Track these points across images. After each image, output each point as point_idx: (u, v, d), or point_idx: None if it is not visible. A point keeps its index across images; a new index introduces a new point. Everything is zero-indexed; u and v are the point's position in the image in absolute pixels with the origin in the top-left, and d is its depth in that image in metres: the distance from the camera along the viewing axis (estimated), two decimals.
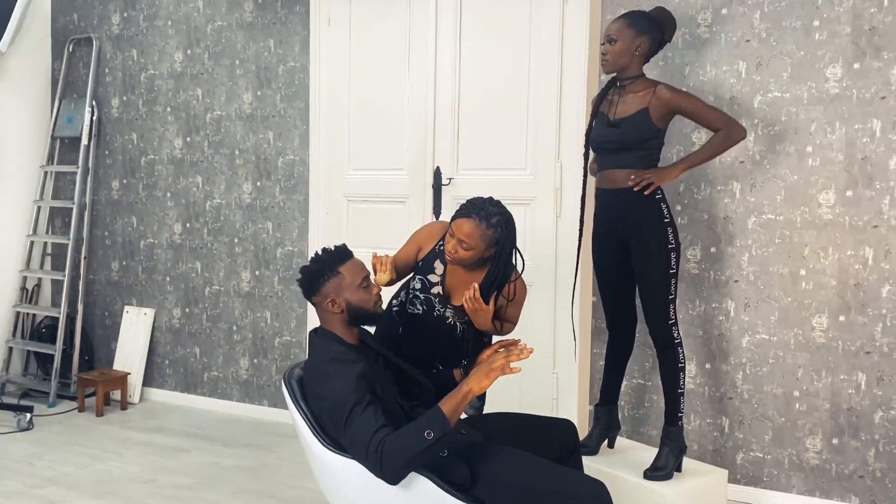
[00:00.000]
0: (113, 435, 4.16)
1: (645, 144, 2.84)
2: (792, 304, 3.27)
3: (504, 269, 2.53)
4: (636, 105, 2.81)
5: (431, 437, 1.98)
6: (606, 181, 2.91)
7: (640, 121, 2.79)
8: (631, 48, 2.82)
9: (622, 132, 2.80)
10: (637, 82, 2.86)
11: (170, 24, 4.66)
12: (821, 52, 3.19)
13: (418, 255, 2.65)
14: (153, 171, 4.77)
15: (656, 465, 2.89)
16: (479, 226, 2.46)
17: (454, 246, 2.49)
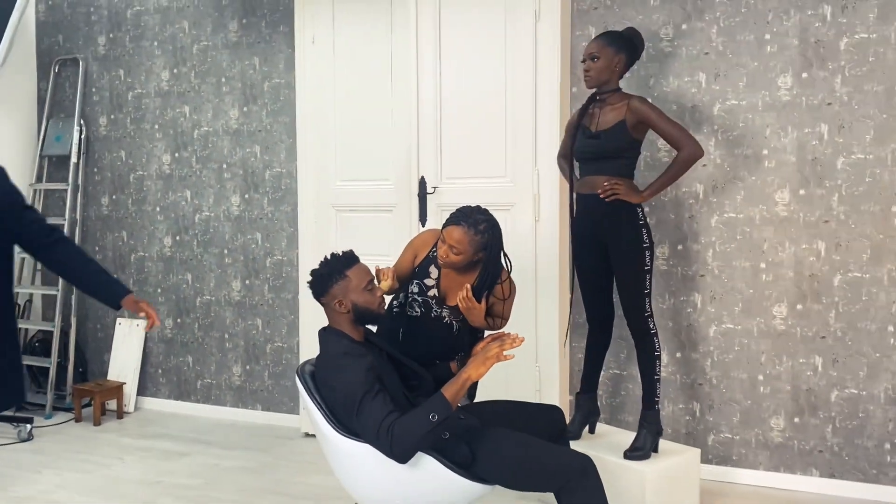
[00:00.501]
0: (112, 442, 4.30)
1: (623, 154, 3.10)
2: (754, 295, 3.55)
3: (493, 271, 2.77)
4: (614, 117, 3.07)
5: (436, 419, 2.20)
6: (587, 187, 3.15)
7: (618, 132, 3.05)
8: (611, 65, 3.08)
9: (602, 143, 3.06)
10: (615, 95, 3.12)
11: (156, 44, 4.82)
12: (772, 63, 3.48)
13: (415, 261, 2.87)
14: (142, 187, 4.92)
15: (635, 446, 3.14)
16: (467, 232, 2.69)
17: (445, 251, 2.71)
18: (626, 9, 3.69)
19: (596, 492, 2.30)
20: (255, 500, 3.47)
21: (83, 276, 2.72)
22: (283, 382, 4.58)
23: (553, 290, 3.74)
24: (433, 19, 3.91)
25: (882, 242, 3.34)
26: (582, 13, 3.77)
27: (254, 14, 4.53)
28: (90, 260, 2.77)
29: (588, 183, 3.15)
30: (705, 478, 3.55)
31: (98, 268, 2.75)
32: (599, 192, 3.05)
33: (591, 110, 3.15)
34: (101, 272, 2.75)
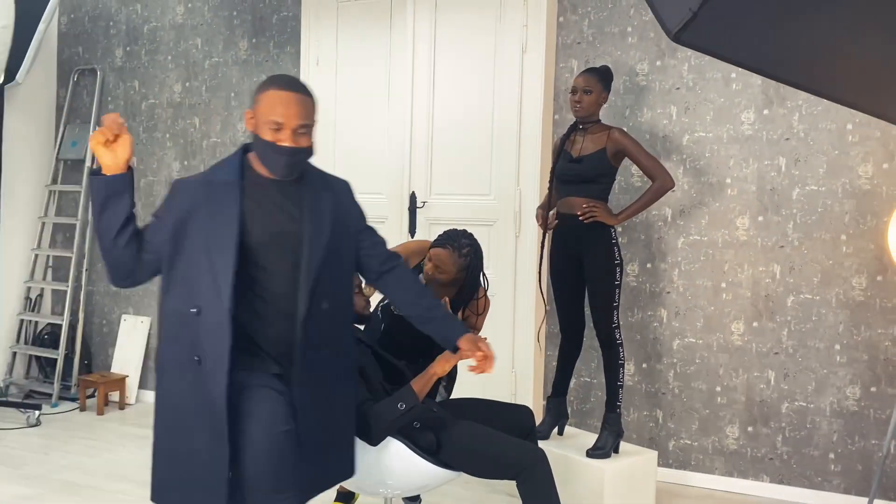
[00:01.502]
0: (115, 430, 4.59)
1: (601, 179, 3.42)
2: (714, 312, 3.85)
3: (471, 288, 3.07)
4: (595, 145, 3.39)
5: (403, 408, 2.50)
6: (566, 207, 3.46)
7: (598, 159, 3.37)
8: (599, 99, 3.42)
9: (583, 167, 3.38)
10: (596, 125, 3.44)
11: (170, 58, 5.14)
12: (737, 99, 3.80)
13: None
14: (151, 192, 5.23)
15: (597, 446, 3.42)
16: (451, 255, 2.99)
17: (431, 269, 3.01)
18: (606, 45, 4.01)
19: (546, 481, 2.58)
20: None
21: (418, 308, 2.42)
22: None
23: (530, 301, 4.04)
24: (428, 48, 4.23)
25: (831, 268, 3.64)
26: (565, 47, 4.09)
27: (263, 34, 4.85)
28: (426, 292, 2.50)
29: (567, 203, 3.45)
30: (665, 480, 3.84)
31: (434, 302, 2.46)
32: (579, 214, 3.36)
33: (573, 137, 3.47)
34: (437, 306, 2.46)
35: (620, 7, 3.99)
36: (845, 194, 3.63)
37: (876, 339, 3.57)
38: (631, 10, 3.97)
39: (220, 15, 4.97)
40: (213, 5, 5.00)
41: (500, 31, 4.06)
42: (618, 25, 3.99)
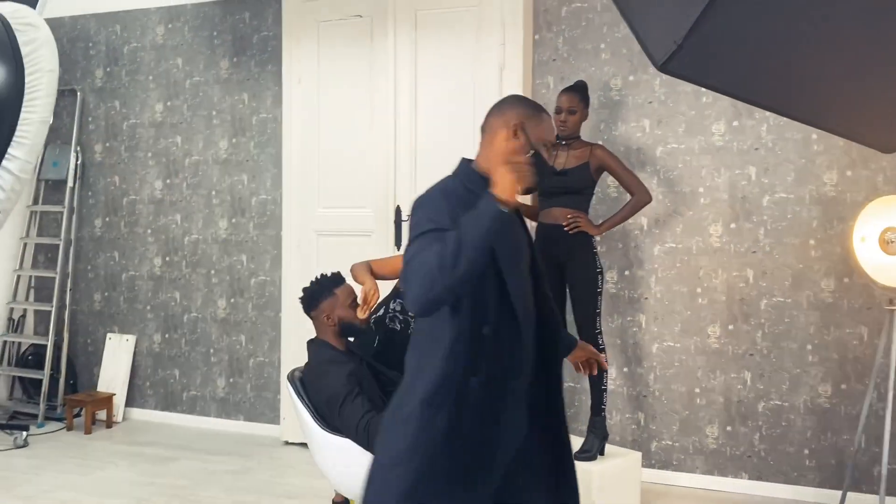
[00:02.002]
0: (104, 449, 4.61)
1: (585, 190, 3.59)
2: (691, 316, 4.00)
3: None
4: (578, 160, 3.55)
5: None
6: (550, 218, 3.59)
7: (582, 172, 3.54)
8: (582, 117, 3.60)
9: (570, 179, 3.53)
10: (577, 141, 3.60)
11: (151, 78, 5.20)
12: (707, 112, 3.96)
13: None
14: (134, 210, 5.26)
15: (583, 449, 3.54)
16: None
17: None
18: (580, 62, 4.16)
19: None
20: (241, 497, 3.81)
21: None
22: (264, 394, 4.92)
23: None
24: (410, 65, 4.34)
25: (801, 271, 3.81)
26: (542, 64, 4.23)
27: (244, 53, 4.93)
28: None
29: (551, 214, 3.58)
30: (648, 480, 3.97)
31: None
32: (564, 224, 3.49)
33: (554, 151, 3.60)
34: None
35: (594, 25, 4.14)
36: (812, 201, 3.80)
37: (845, 338, 3.74)
38: (604, 28, 4.12)
39: (201, 35, 5.04)
40: (193, 25, 5.07)
41: (478, 49, 4.19)
42: (591, 42, 4.15)
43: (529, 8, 4.20)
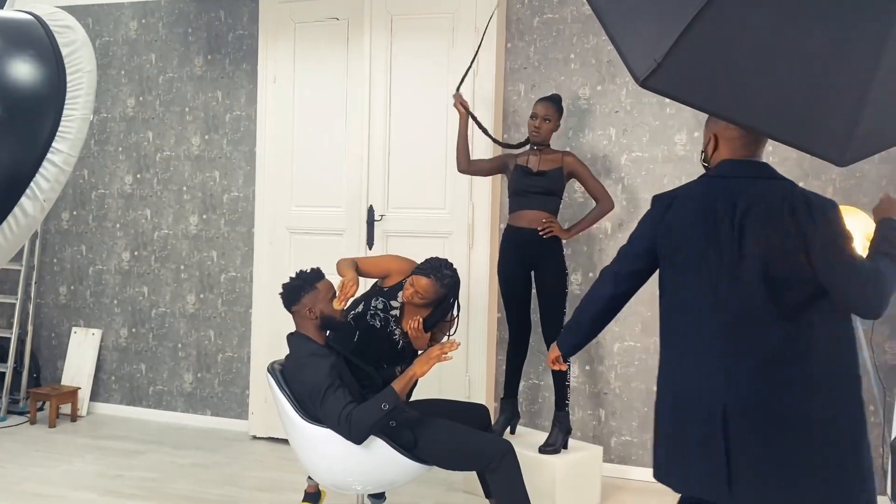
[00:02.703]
0: (69, 442, 4.60)
1: (557, 193, 3.76)
2: (651, 317, 4.18)
3: (444, 312, 3.28)
4: (551, 164, 3.72)
5: (386, 408, 2.70)
6: (523, 221, 3.72)
7: (557, 175, 3.70)
8: (555, 126, 3.76)
9: (546, 181, 3.69)
10: (548, 148, 3.77)
11: (123, 73, 5.20)
12: (671, 122, 4.15)
13: (385, 279, 3.35)
14: (103, 204, 5.26)
15: (548, 442, 3.69)
16: (433, 284, 3.18)
17: (411, 294, 3.19)
18: (550, 70, 4.32)
19: (514, 470, 2.83)
20: (210, 489, 3.86)
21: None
22: (232, 389, 4.97)
23: (483, 310, 4.28)
24: (385, 69, 4.45)
25: None
26: (513, 71, 4.38)
27: (218, 52, 4.97)
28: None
29: (524, 217, 3.72)
30: (608, 475, 4.12)
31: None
32: (539, 229, 3.65)
33: (526, 155, 3.75)
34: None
35: (564, 35, 4.30)
36: None
37: None
38: (574, 38, 4.29)
39: (175, 31, 5.07)
40: (167, 22, 5.09)
41: (452, 56, 4.32)
42: (561, 52, 4.30)
43: (503, 17, 4.34)
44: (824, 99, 1.57)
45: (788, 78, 1.54)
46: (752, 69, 1.53)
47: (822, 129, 1.56)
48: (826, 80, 1.56)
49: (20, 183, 1.98)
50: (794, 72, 1.54)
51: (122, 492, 3.80)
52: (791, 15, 1.50)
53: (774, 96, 1.56)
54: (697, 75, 1.54)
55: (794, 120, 1.57)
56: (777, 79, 1.53)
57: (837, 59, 1.52)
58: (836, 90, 1.56)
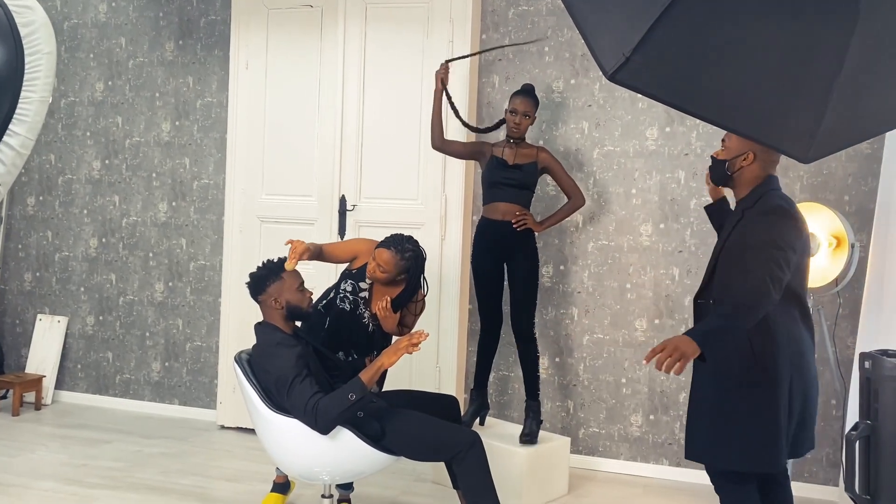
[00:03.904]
0: (33, 431, 4.53)
1: (531, 187, 3.78)
2: (620, 310, 4.21)
3: (412, 290, 3.28)
4: (526, 159, 3.73)
5: (353, 398, 2.69)
6: (497, 213, 3.73)
7: (531, 170, 3.73)
8: (532, 121, 3.77)
9: (523, 174, 3.71)
10: (524, 142, 3.79)
11: (92, 56, 5.11)
12: (642, 117, 4.18)
13: (352, 262, 3.34)
14: (70, 190, 5.17)
15: (525, 433, 3.71)
16: (394, 256, 3.19)
17: (374, 268, 3.21)
18: (524, 63, 4.32)
19: (481, 461, 2.84)
20: (177, 479, 3.83)
21: None
22: (200, 379, 4.92)
23: (454, 301, 4.29)
24: (358, 58, 4.42)
25: None
26: (488, 63, 4.37)
27: (190, 37, 4.91)
28: None
29: (498, 210, 3.73)
30: (575, 466, 4.16)
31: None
32: (513, 222, 3.66)
33: (502, 148, 3.75)
34: None
35: (539, 28, 4.30)
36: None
37: None
38: (548, 31, 4.29)
39: (146, 15, 4.99)
40: (137, 5, 5.01)
41: (427, 46, 4.30)
42: (536, 45, 4.30)
43: (478, 8, 4.33)
44: (789, 97, 1.58)
45: (754, 75, 1.55)
46: (720, 66, 1.54)
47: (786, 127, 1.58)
48: (791, 79, 1.58)
49: None
50: (761, 69, 1.55)
51: (87, 481, 3.75)
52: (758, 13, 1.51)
53: (741, 93, 1.58)
54: (665, 70, 1.55)
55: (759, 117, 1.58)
56: (743, 76, 1.54)
57: (803, 58, 1.54)
58: (801, 88, 1.58)
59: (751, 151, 2.44)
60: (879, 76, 1.53)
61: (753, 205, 2.46)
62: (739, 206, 2.53)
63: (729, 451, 2.44)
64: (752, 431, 2.40)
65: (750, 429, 2.40)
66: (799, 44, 1.54)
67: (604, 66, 1.57)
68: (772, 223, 2.38)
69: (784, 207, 2.42)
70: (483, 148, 3.84)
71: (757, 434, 2.40)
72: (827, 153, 1.64)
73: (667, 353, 2.19)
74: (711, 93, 1.53)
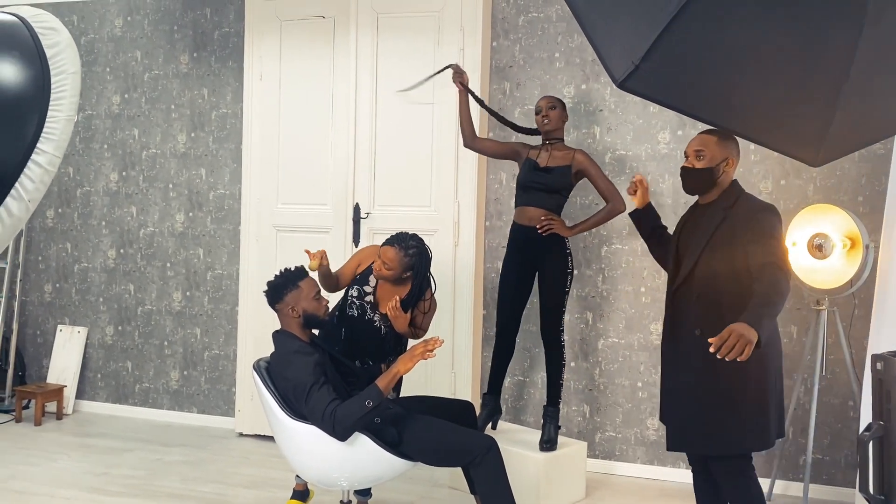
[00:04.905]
0: (55, 440, 4.60)
1: (563, 191, 3.73)
2: (635, 314, 4.22)
3: (420, 288, 3.32)
4: (561, 161, 3.69)
5: (371, 405, 2.72)
6: (525, 219, 3.70)
7: (565, 172, 3.68)
8: (563, 115, 3.75)
9: (552, 177, 3.67)
10: (560, 144, 3.75)
11: (108, 70, 5.19)
12: (654, 121, 4.19)
13: (357, 269, 3.39)
14: (88, 202, 5.24)
15: (545, 439, 3.71)
16: (398, 253, 3.24)
17: (379, 266, 3.26)
18: (535, 69, 4.34)
19: (498, 466, 2.86)
20: (197, 487, 3.87)
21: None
22: (218, 387, 4.97)
23: (468, 306, 4.31)
24: (371, 66, 4.46)
25: None
26: (498, 70, 4.40)
27: (204, 49, 4.97)
28: None
29: (527, 215, 3.71)
30: (592, 470, 4.17)
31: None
32: (538, 227, 3.64)
33: (538, 150, 3.75)
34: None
35: (549, 34, 4.33)
36: None
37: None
38: (559, 38, 4.31)
39: (161, 29, 5.06)
40: (153, 19, 5.08)
41: (438, 54, 4.33)
42: (546, 51, 4.33)
43: (488, 16, 4.37)
44: (798, 102, 1.60)
45: (763, 81, 1.57)
46: (728, 72, 1.56)
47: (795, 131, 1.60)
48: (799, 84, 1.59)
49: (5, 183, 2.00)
50: (769, 75, 1.57)
51: (108, 489, 3.80)
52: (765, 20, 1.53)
53: (749, 99, 1.59)
54: (674, 78, 1.57)
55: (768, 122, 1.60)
56: (752, 82, 1.56)
57: (810, 64, 1.55)
58: (809, 94, 1.59)
59: (731, 157, 2.52)
60: (887, 80, 1.54)
61: (733, 204, 2.58)
62: (716, 207, 2.62)
63: (731, 436, 2.58)
64: (748, 413, 2.56)
65: (745, 411, 2.56)
66: (806, 50, 1.55)
67: (613, 74, 1.59)
68: (772, 221, 2.51)
69: (773, 206, 2.57)
70: (520, 149, 3.81)
71: (753, 415, 2.56)
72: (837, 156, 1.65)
73: (733, 340, 2.24)
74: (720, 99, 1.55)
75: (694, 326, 2.63)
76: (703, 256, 2.60)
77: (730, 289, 2.55)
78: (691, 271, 2.64)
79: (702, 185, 2.63)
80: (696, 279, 2.63)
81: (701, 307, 2.62)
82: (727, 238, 2.55)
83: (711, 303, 2.59)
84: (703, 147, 2.55)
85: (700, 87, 1.55)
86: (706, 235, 2.60)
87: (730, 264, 2.53)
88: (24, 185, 2.06)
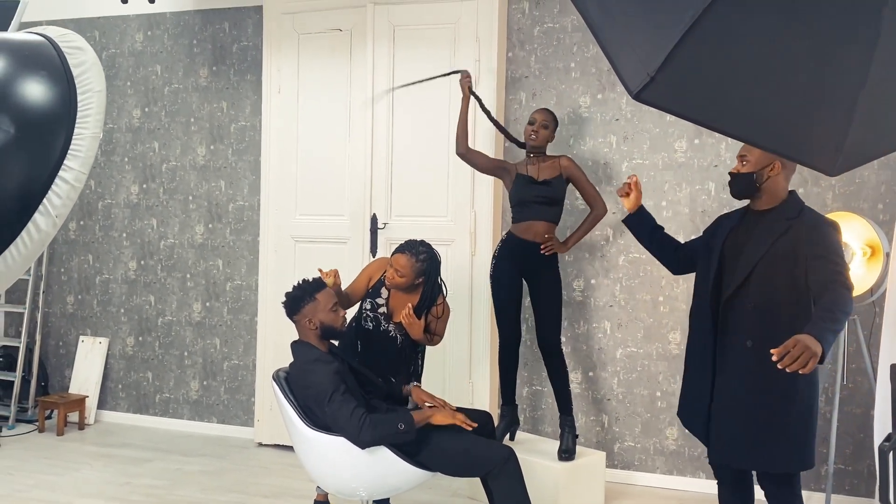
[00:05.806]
0: (78, 450, 4.65)
1: (561, 202, 3.78)
2: (653, 323, 4.21)
3: (432, 294, 3.34)
4: (551, 171, 3.74)
5: (402, 429, 2.75)
6: (529, 234, 3.71)
7: (559, 183, 3.73)
8: (551, 136, 3.79)
9: (553, 189, 3.71)
10: (545, 155, 3.80)
11: (129, 84, 5.26)
12: (671, 130, 4.19)
13: (369, 283, 3.41)
14: (110, 214, 5.31)
15: (564, 449, 3.71)
16: (410, 259, 3.27)
17: (392, 274, 3.29)
18: (551, 79, 4.36)
19: (517, 476, 2.86)
20: (217, 496, 3.90)
21: None
22: (238, 397, 5.01)
23: (486, 316, 4.32)
24: (388, 78, 4.49)
25: None
26: (514, 80, 4.42)
27: (223, 63, 5.03)
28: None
29: (530, 230, 3.73)
30: (611, 480, 4.15)
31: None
32: (542, 247, 3.67)
33: (525, 164, 3.78)
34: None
35: (564, 44, 4.34)
36: None
37: None
38: (574, 48, 4.33)
39: (181, 43, 5.13)
40: (172, 34, 5.16)
41: (454, 65, 4.35)
42: (562, 61, 4.35)
43: (503, 27, 4.39)
44: (814, 110, 1.60)
45: (779, 90, 1.57)
46: (744, 82, 1.56)
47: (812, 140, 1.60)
48: (816, 93, 1.59)
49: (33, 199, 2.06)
50: (785, 84, 1.57)
51: (130, 499, 3.84)
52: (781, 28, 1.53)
53: (766, 108, 1.60)
54: (690, 88, 1.58)
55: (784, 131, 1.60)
56: (768, 91, 1.57)
57: (827, 72, 1.55)
58: (826, 101, 1.59)
59: (777, 161, 2.50)
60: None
61: (798, 216, 2.52)
62: (777, 216, 2.54)
63: (781, 453, 2.51)
64: (797, 431, 2.50)
65: (799, 431, 2.51)
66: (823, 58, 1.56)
67: (629, 85, 1.60)
68: (836, 237, 2.49)
69: (836, 222, 2.52)
70: (507, 166, 3.87)
71: (802, 433, 2.51)
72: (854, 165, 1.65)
73: (798, 350, 2.15)
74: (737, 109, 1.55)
75: (747, 337, 2.52)
76: (759, 266, 2.51)
77: (788, 302, 2.47)
78: (746, 279, 2.53)
79: (745, 189, 2.59)
80: (751, 289, 2.52)
81: (756, 318, 2.51)
82: (789, 250, 2.47)
83: (768, 315, 2.49)
84: (747, 152, 2.54)
85: (716, 98, 1.56)
86: (765, 245, 2.51)
87: (790, 277, 2.45)
88: (52, 201, 2.11)
